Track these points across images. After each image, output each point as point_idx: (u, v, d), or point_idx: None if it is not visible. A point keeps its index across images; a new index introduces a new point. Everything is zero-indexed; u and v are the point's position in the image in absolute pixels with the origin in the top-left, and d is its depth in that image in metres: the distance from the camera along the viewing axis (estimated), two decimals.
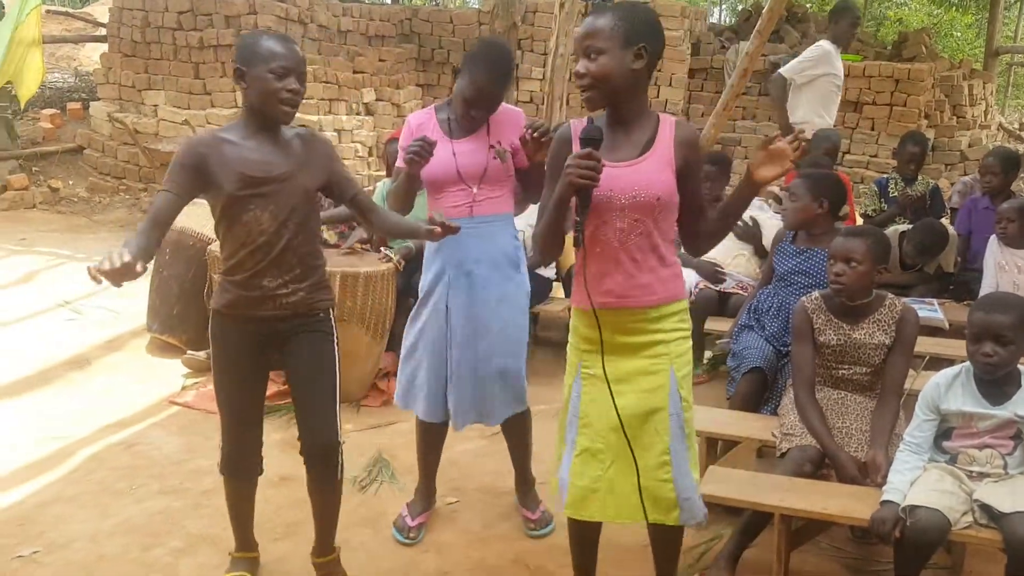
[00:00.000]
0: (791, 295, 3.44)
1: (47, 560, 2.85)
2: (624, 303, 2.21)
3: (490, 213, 2.90)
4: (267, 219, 2.39)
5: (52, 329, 5.13)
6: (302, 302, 2.50)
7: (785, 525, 2.58)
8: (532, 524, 3.11)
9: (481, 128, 2.89)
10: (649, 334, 2.24)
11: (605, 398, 2.24)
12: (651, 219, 2.17)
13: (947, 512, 2.35)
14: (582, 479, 2.28)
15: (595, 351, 2.25)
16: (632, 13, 2.13)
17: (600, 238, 2.19)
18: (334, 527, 2.72)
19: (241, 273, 2.44)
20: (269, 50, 2.36)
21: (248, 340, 2.51)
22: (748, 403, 3.31)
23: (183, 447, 3.71)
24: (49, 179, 9.13)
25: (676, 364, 2.25)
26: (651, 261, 2.20)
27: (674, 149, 2.19)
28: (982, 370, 2.43)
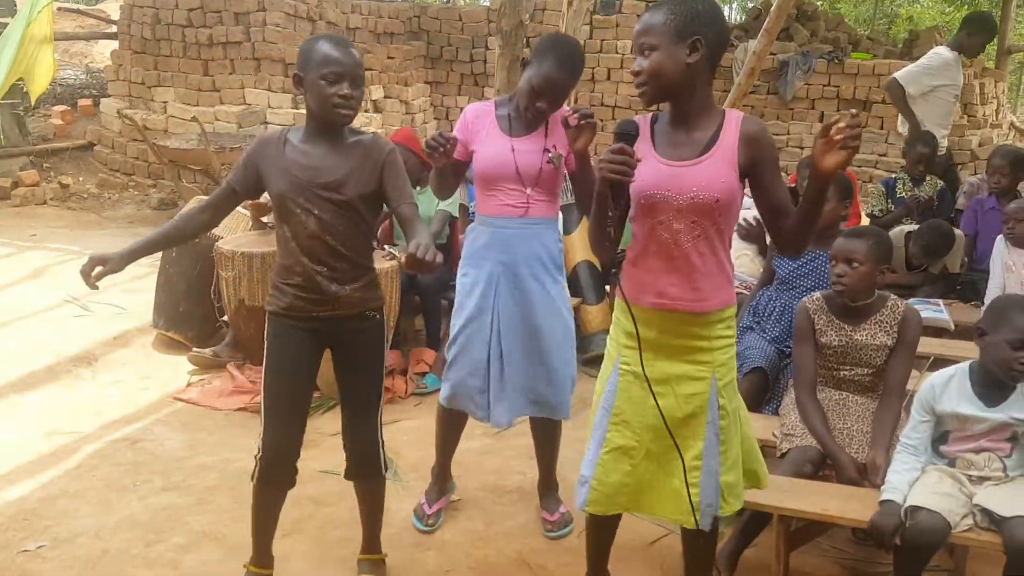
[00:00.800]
0: (794, 299, 3.42)
1: (52, 555, 2.88)
2: (676, 306, 2.16)
3: (541, 216, 2.91)
4: (313, 223, 2.42)
5: (60, 325, 5.17)
6: (356, 302, 2.51)
7: (784, 526, 2.57)
8: (550, 525, 3.11)
9: (540, 128, 2.88)
10: (695, 339, 2.19)
11: (644, 396, 2.21)
12: (709, 221, 2.11)
13: (947, 515, 2.34)
14: (611, 475, 2.26)
15: (636, 348, 2.20)
16: (685, 5, 2.05)
17: (656, 237, 2.15)
18: (379, 525, 2.78)
19: (292, 275, 2.47)
20: (323, 55, 2.37)
21: (302, 342, 2.52)
22: (749, 403, 3.28)
23: (187, 444, 3.74)
24: (60, 175, 9.19)
25: (718, 372, 2.21)
26: (709, 265, 2.14)
27: (738, 147, 2.10)
28: (1010, 376, 2.39)
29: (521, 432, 3.87)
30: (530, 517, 3.22)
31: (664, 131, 2.18)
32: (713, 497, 2.24)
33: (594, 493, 2.29)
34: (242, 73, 8.73)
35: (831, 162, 1.94)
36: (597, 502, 2.30)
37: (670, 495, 2.26)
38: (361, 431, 2.61)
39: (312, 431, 3.83)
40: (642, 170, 2.06)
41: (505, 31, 5.45)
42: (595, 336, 4.82)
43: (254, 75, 8.67)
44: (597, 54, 10.68)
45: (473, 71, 10.99)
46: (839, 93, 10.19)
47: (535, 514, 3.22)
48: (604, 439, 2.27)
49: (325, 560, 2.89)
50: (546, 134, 2.88)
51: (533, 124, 2.89)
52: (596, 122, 2.68)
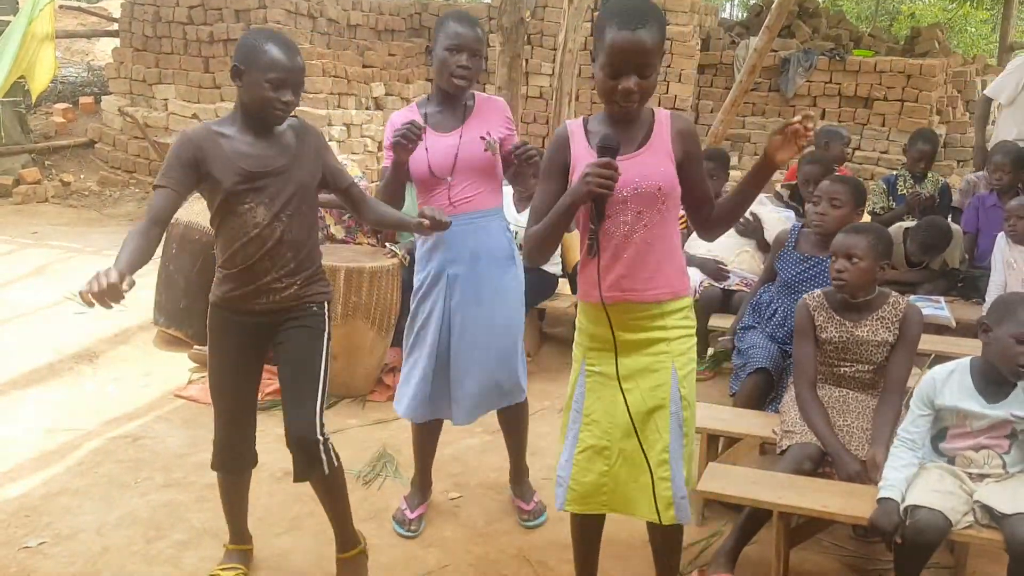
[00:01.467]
0: (795, 303, 3.41)
1: (53, 551, 2.88)
2: (628, 297, 2.22)
3: (478, 209, 2.89)
4: (262, 212, 2.41)
5: (61, 322, 5.17)
6: (295, 296, 2.52)
7: (784, 523, 2.57)
8: (526, 515, 3.14)
9: (457, 125, 2.87)
10: (652, 331, 2.24)
11: (611, 395, 2.25)
12: (654, 210, 2.18)
13: (948, 513, 2.34)
14: (587, 475, 2.29)
15: (600, 348, 2.27)
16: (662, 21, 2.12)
17: (604, 232, 2.20)
18: (345, 521, 2.69)
19: (236, 266, 2.46)
20: (269, 58, 2.35)
21: (243, 333, 2.54)
22: (752, 403, 3.31)
23: (187, 441, 3.74)
24: (61, 173, 9.19)
25: (678, 362, 2.26)
26: (656, 255, 2.21)
27: (671, 140, 2.21)
28: (1015, 372, 2.39)
29: None
30: None
31: (598, 130, 2.23)
32: (684, 490, 2.27)
33: (572, 493, 2.32)
34: None
35: (784, 156, 2.11)
36: (575, 501, 2.33)
37: (641, 493, 2.27)
38: (296, 423, 2.48)
39: None
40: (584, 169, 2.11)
41: (506, 28, 5.46)
42: None
43: None
44: None
45: None
46: (840, 90, 10.18)
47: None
48: (577, 439, 2.31)
49: (324, 557, 2.88)
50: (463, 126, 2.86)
51: (452, 120, 2.87)
52: (536, 153, 2.75)
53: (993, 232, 4.54)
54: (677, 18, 10.10)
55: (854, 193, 3.49)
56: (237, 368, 2.57)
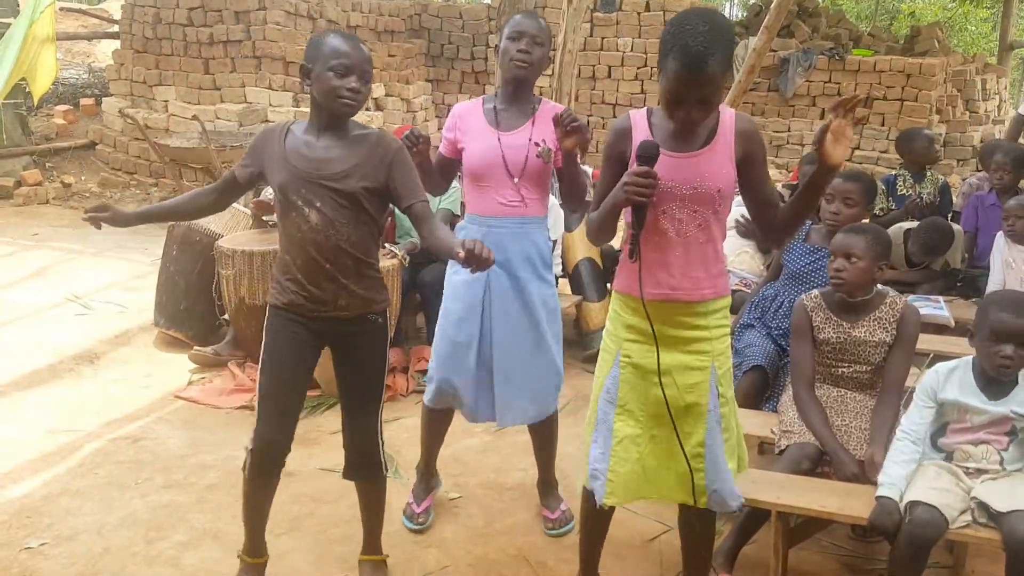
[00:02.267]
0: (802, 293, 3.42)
1: (54, 552, 2.89)
2: (676, 296, 2.22)
3: (533, 214, 2.90)
4: (315, 216, 2.39)
5: (61, 323, 5.18)
6: (358, 304, 2.49)
7: (782, 522, 2.58)
8: (551, 523, 3.11)
9: (527, 123, 2.87)
10: (694, 329, 2.25)
11: (645, 387, 2.27)
12: (710, 211, 2.18)
13: (945, 510, 2.34)
14: (624, 465, 2.29)
15: (637, 341, 2.27)
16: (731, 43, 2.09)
17: (658, 228, 2.20)
18: (380, 525, 2.75)
19: (296, 268, 2.43)
20: (332, 48, 2.36)
21: (301, 338, 2.50)
22: (749, 401, 3.31)
23: (188, 442, 3.75)
24: (62, 175, 9.21)
25: (717, 361, 2.27)
26: (706, 255, 2.22)
27: (734, 141, 2.19)
28: (997, 371, 2.41)
29: (521, 429, 3.83)
30: (531, 514, 3.22)
31: (662, 124, 2.21)
32: (719, 483, 2.28)
33: (611, 485, 2.31)
34: (243, 71, 8.74)
35: (839, 154, 2.03)
36: (614, 494, 2.32)
37: (676, 478, 2.30)
38: (361, 430, 2.59)
39: (313, 428, 3.86)
40: None
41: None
42: (596, 333, 4.83)
43: (255, 73, 8.69)
44: (598, 52, 10.68)
45: (474, 69, 11.00)
46: (840, 90, 10.17)
47: (536, 511, 3.23)
48: (612, 430, 2.31)
49: (324, 558, 2.90)
50: (532, 127, 2.87)
51: (520, 118, 2.88)
52: (584, 123, 2.71)
53: (992, 231, 4.54)
54: None
55: (866, 192, 3.56)
56: (290, 374, 2.53)
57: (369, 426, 2.59)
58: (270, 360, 2.52)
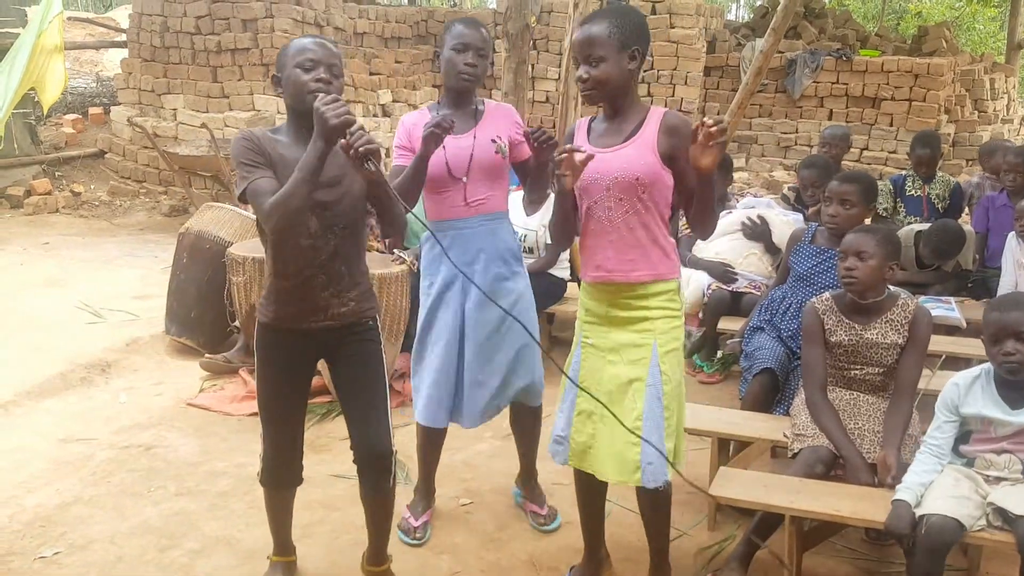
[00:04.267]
0: (810, 295, 3.41)
1: (67, 561, 2.90)
2: (612, 277, 2.43)
3: (489, 211, 2.94)
4: (315, 223, 2.36)
5: (73, 332, 5.20)
6: (352, 312, 2.47)
7: (796, 527, 2.57)
8: (542, 519, 3.15)
9: (470, 127, 2.93)
10: (636, 310, 2.44)
11: (600, 366, 2.49)
12: (635, 198, 2.37)
13: (962, 519, 2.32)
14: (581, 435, 2.53)
15: (594, 323, 2.52)
16: (625, 19, 2.35)
17: (592, 216, 2.43)
18: (387, 535, 2.70)
19: (290, 281, 2.40)
20: (297, 47, 2.37)
21: (295, 352, 2.49)
22: (759, 404, 3.30)
23: (200, 450, 3.76)
24: (71, 183, 9.27)
25: (660, 340, 2.42)
26: (639, 239, 2.39)
27: (658, 135, 2.38)
28: (1006, 371, 2.40)
29: None
30: None
31: (599, 127, 2.49)
32: (654, 457, 2.38)
33: (571, 450, 2.54)
34: (251, 79, 8.77)
35: (707, 162, 2.25)
36: (575, 457, 2.54)
37: (613, 455, 2.44)
38: (374, 433, 2.52)
39: (323, 435, 3.87)
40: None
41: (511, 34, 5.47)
42: None
43: (263, 81, 8.72)
44: None
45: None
46: (847, 91, 10.16)
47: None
48: (574, 404, 2.54)
49: (336, 564, 2.90)
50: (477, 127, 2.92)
51: (465, 121, 2.92)
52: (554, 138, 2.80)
53: (1003, 232, 4.52)
54: (683, 20, 10.11)
55: (864, 192, 3.53)
56: (288, 388, 2.52)
57: (380, 432, 2.53)
58: (263, 377, 2.52)
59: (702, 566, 2.86)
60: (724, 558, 2.86)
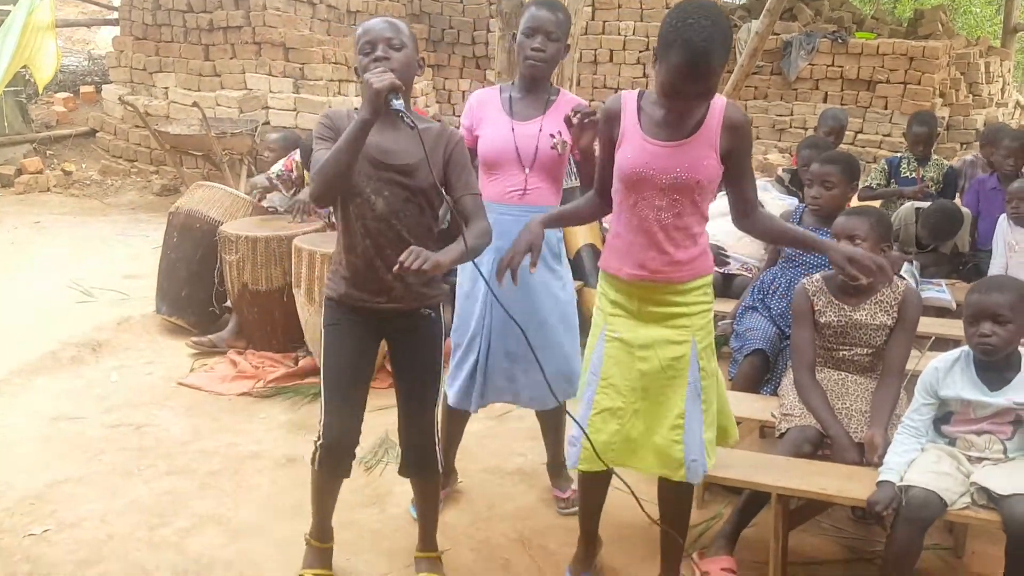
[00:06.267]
0: (799, 275, 3.41)
1: (57, 539, 2.90)
2: (656, 278, 2.29)
3: (541, 203, 2.86)
4: (381, 205, 2.37)
5: (63, 311, 5.18)
6: (415, 297, 2.47)
7: (783, 505, 2.58)
8: (563, 503, 3.15)
9: (539, 114, 2.87)
10: (674, 307, 2.32)
11: (629, 361, 2.34)
12: (689, 200, 2.23)
13: (943, 493, 2.34)
14: (599, 435, 2.35)
15: (621, 316, 2.36)
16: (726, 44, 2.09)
17: (638, 213, 2.27)
18: (435, 522, 2.75)
19: (356, 258, 2.41)
20: (358, 33, 2.40)
21: (359, 330, 2.49)
22: (749, 385, 3.31)
23: (190, 428, 3.76)
24: (63, 162, 9.21)
25: (698, 336, 2.34)
26: (685, 240, 2.27)
27: (720, 132, 2.21)
28: (981, 351, 2.42)
29: (522, 415, 3.86)
30: (532, 499, 3.24)
31: (651, 110, 2.26)
32: (697, 453, 2.34)
33: (585, 452, 2.38)
34: (243, 58, 8.71)
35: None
36: (587, 460, 2.39)
37: (655, 451, 2.37)
38: (417, 427, 2.57)
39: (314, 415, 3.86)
40: (628, 148, 2.23)
41: (506, 13, 5.42)
42: None
43: (255, 59, 8.66)
44: (599, 35, 10.63)
45: (475, 53, 10.95)
46: (843, 73, 10.13)
47: (537, 495, 3.24)
48: (593, 402, 2.38)
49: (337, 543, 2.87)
50: (544, 117, 2.86)
51: (534, 108, 2.87)
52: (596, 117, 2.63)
53: (993, 215, 4.53)
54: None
55: (845, 171, 3.51)
56: (352, 366, 2.51)
57: (425, 423, 2.57)
58: (331, 354, 2.50)
59: (689, 544, 2.87)
60: (711, 536, 2.88)
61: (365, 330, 2.51)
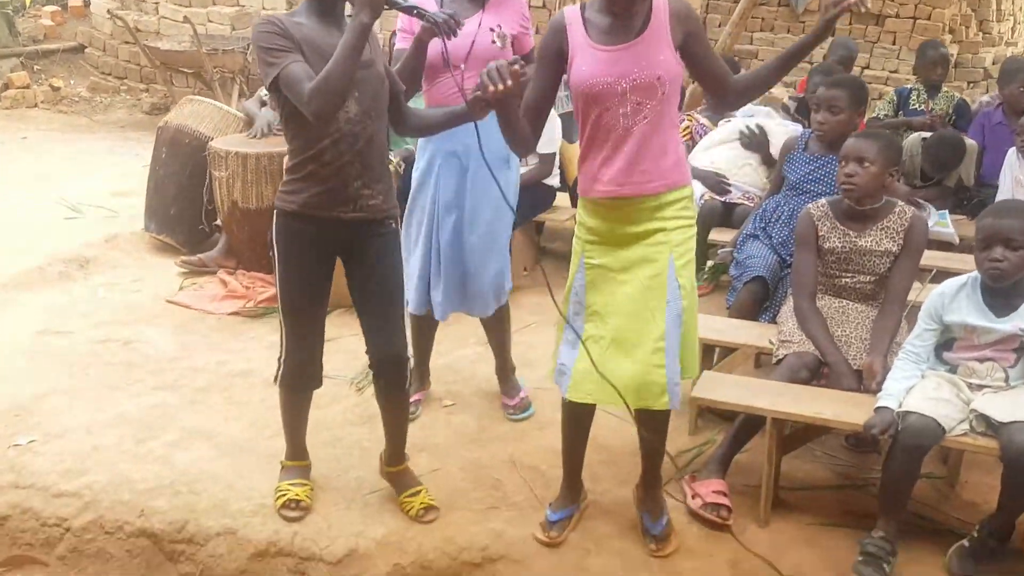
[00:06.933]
0: (803, 204, 3.33)
1: (43, 449, 2.88)
2: (624, 192, 2.22)
3: None
4: (353, 106, 2.27)
5: (51, 228, 5.09)
6: (379, 207, 2.40)
7: (777, 429, 2.55)
8: (511, 409, 3.20)
9: (476, 11, 2.84)
10: (649, 222, 2.25)
11: (610, 287, 2.29)
12: (654, 101, 2.17)
13: (942, 420, 2.31)
14: (585, 362, 2.29)
15: (599, 242, 2.30)
16: None
17: (602, 126, 2.20)
18: (404, 436, 2.70)
19: (324, 166, 2.30)
20: None
21: (319, 246, 2.41)
22: (748, 313, 3.25)
23: (179, 345, 3.72)
24: (50, 78, 9.01)
25: (676, 252, 2.26)
26: (653, 148, 2.20)
27: (670, 25, 2.18)
28: (991, 277, 2.36)
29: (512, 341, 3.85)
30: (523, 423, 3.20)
31: (596, 19, 2.22)
32: (677, 375, 2.29)
33: (573, 383, 2.33)
34: None
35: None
36: (575, 391, 2.34)
37: (638, 381, 2.27)
38: (387, 340, 2.50)
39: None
40: (580, 61, 2.18)
41: None
42: None
43: None
44: None
45: None
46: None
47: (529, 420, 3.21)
48: (583, 329, 2.33)
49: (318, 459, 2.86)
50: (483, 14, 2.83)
51: (471, 6, 2.82)
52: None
53: (999, 149, 4.43)
54: None
55: (852, 96, 3.36)
56: (312, 284, 2.45)
57: (396, 335, 2.51)
58: (287, 270, 2.43)
59: (680, 468, 2.85)
60: (703, 461, 2.86)
61: (322, 245, 2.43)
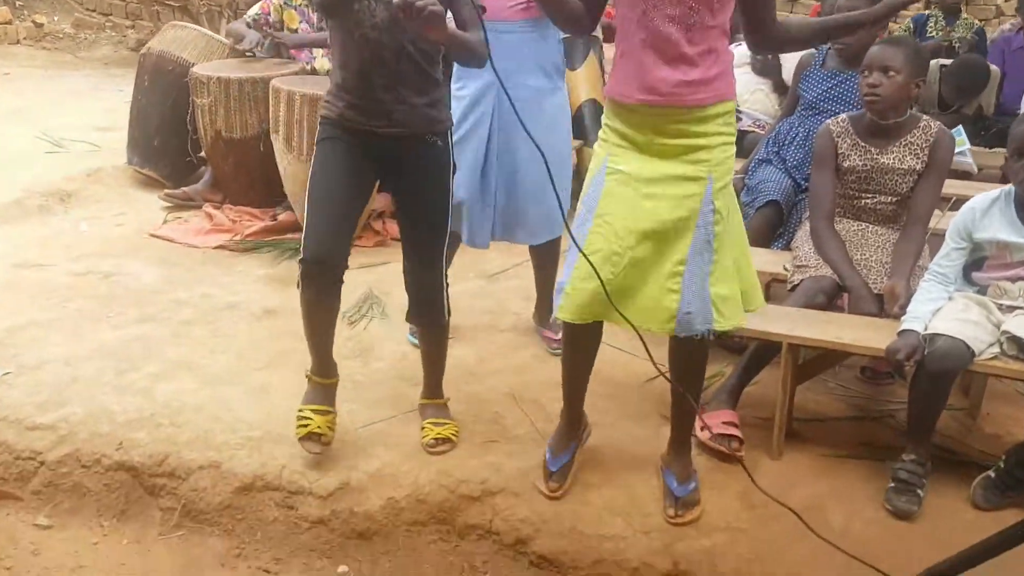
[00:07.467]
0: (819, 124, 3.10)
1: (18, 381, 2.76)
2: (669, 101, 1.99)
3: (538, 16, 2.61)
4: (381, 11, 2.10)
5: (31, 162, 4.91)
6: (416, 121, 2.24)
7: (792, 356, 2.40)
8: (556, 343, 3.00)
9: None
10: (691, 137, 2.03)
11: (632, 198, 2.04)
12: (707, 7, 1.94)
13: (971, 342, 2.17)
14: (588, 282, 2.04)
15: (628, 148, 2.07)
16: None
17: (647, 26, 1.97)
18: (441, 371, 2.64)
19: (350, 73, 2.17)
20: None
21: (357, 151, 2.27)
22: (760, 239, 3.09)
23: (162, 279, 3.58)
24: (33, 14, 8.78)
25: (716, 172, 2.05)
26: (703, 55, 1.98)
27: None
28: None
29: (514, 275, 3.75)
30: (524, 355, 3.10)
31: None
32: (696, 305, 2.05)
33: (567, 299, 2.11)
34: None
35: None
36: (567, 309, 2.12)
37: (647, 303, 2.07)
38: (425, 277, 2.42)
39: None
40: None
41: None
42: None
43: None
44: None
45: None
46: None
47: (530, 353, 3.12)
48: (584, 242, 2.07)
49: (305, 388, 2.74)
50: None
51: None
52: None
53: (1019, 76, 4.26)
54: None
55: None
56: (342, 183, 2.28)
57: (435, 272, 2.41)
58: (321, 169, 2.27)
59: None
60: (712, 392, 2.73)
61: (363, 152, 2.27)
